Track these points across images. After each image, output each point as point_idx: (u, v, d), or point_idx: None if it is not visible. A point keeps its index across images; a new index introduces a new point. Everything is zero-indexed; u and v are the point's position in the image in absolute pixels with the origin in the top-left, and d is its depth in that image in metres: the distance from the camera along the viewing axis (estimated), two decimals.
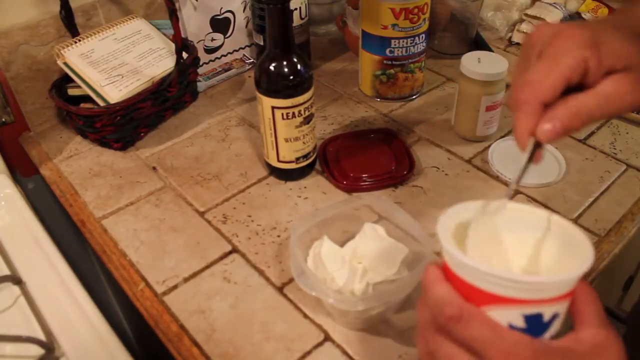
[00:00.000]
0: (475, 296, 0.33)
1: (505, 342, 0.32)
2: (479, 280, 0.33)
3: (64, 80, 0.78)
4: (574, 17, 0.99)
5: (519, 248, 0.38)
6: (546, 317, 0.33)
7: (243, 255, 0.62)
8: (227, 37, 0.92)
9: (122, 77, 0.76)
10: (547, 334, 0.34)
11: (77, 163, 0.77)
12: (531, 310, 0.32)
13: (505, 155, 0.74)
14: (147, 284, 0.59)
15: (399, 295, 0.53)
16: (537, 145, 0.38)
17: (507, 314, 0.32)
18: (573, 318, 0.35)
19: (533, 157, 0.39)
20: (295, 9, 0.87)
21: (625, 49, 0.38)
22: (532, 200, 0.68)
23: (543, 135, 0.37)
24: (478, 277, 0.33)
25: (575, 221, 0.65)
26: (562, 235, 0.36)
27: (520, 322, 0.33)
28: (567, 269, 0.33)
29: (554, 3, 0.99)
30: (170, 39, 0.83)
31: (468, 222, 0.38)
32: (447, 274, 0.36)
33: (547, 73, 0.38)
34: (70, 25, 0.78)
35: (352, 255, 0.57)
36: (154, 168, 0.75)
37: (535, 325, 0.33)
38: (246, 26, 0.94)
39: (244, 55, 0.96)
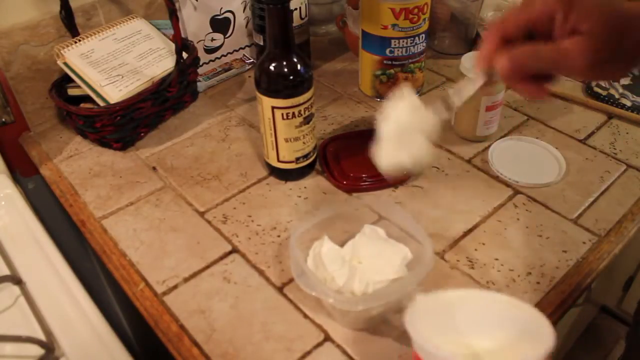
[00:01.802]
0: None
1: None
2: None
3: (64, 80, 0.78)
4: None
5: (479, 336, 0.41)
6: None
7: (243, 255, 0.62)
8: (227, 37, 0.92)
9: (122, 77, 0.76)
10: None
11: (77, 163, 0.77)
12: None
13: (505, 156, 0.74)
14: (147, 284, 0.59)
15: (399, 295, 0.53)
16: (492, 77, 0.44)
17: None
18: None
19: (490, 81, 0.45)
20: (295, 9, 0.87)
21: (594, 14, 0.39)
22: (533, 200, 0.68)
23: (498, 66, 0.42)
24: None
25: (575, 221, 0.65)
26: (523, 323, 0.39)
27: None
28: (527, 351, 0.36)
29: None
30: (170, 39, 0.83)
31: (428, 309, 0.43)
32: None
33: (515, 15, 0.42)
34: (70, 25, 0.78)
35: (352, 255, 0.57)
36: (154, 168, 0.75)
37: None
38: (246, 26, 0.94)
39: (244, 55, 0.96)
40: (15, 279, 0.60)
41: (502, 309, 0.41)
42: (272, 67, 0.63)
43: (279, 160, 0.70)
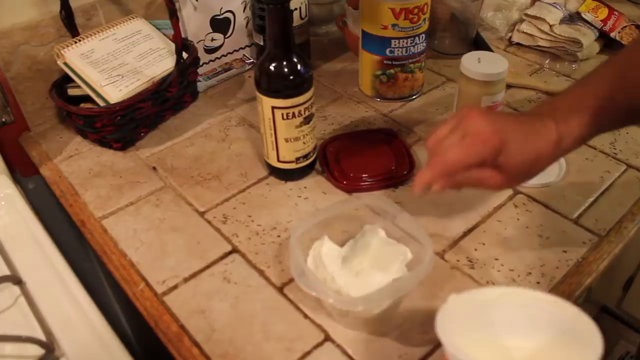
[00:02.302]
0: None
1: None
2: None
3: (64, 80, 0.78)
4: (574, 17, 0.99)
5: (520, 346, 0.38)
6: None
7: (243, 255, 0.62)
8: (227, 37, 0.92)
9: (122, 77, 0.76)
10: None
11: (77, 163, 0.77)
12: None
13: None
14: (147, 284, 0.59)
15: (399, 295, 0.53)
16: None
17: None
18: None
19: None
20: (295, 9, 0.87)
21: (518, 159, 0.50)
22: (533, 200, 0.68)
23: (434, 189, 0.52)
24: None
25: (576, 221, 0.65)
26: (566, 324, 0.36)
27: None
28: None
29: (554, 3, 0.99)
30: (170, 39, 0.83)
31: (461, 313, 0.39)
32: None
33: (463, 156, 0.50)
34: (70, 25, 0.78)
35: (352, 255, 0.57)
36: (154, 168, 0.75)
37: None
38: (246, 26, 0.94)
39: (244, 55, 0.96)
40: (15, 279, 0.60)
41: (544, 308, 0.38)
42: (272, 67, 0.63)
43: (279, 160, 0.70)
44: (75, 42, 0.77)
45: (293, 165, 0.70)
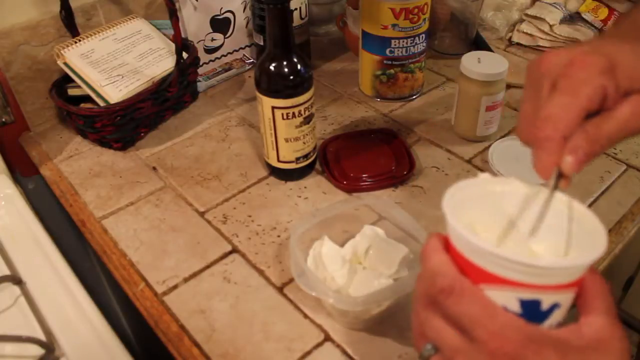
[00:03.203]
0: (471, 273, 0.32)
1: (495, 322, 0.31)
2: (475, 255, 0.32)
3: (64, 80, 0.78)
4: (574, 17, 0.99)
5: (527, 228, 0.36)
6: (544, 305, 0.31)
7: (243, 255, 0.62)
8: (227, 37, 0.92)
9: (122, 77, 0.76)
10: (545, 324, 0.32)
11: (77, 163, 0.77)
12: (528, 295, 0.31)
13: (505, 156, 0.74)
14: (147, 284, 0.59)
15: (399, 295, 0.53)
16: (560, 176, 0.36)
17: (503, 295, 0.31)
18: (579, 310, 0.33)
19: (557, 186, 0.36)
20: (295, 9, 0.87)
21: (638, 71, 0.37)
22: None
23: (568, 168, 0.36)
24: (474, 252, 0.32)
25: None
26: (576, 221, 0.35)
27: (515, 306, 0.31)
28: (574, 255, 0.32)
29: (554, 3, 0.99)
30: (170, 39, 0.83)
31: (473, 196, 0.37)
32: (448, 247, 0.35)
33: (566, 107, 0.36)
34: (70, 25, 0.78)
35: (352, 255, 0.57)
36: (154, 168, 0.75)
37: (531, 312, 0.31)
38: (246, 26, 0.94)
39: (244, 55, 0.96)
40: (15, 279, 0.60)
41: (559, 206, 0.36)
42: (272, 67, 0.63)
43: (279, 160, 0.70)
44: (75, 42, 0.77)
45: (293, 165, 0.70)
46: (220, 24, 0.90)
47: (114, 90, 0.75)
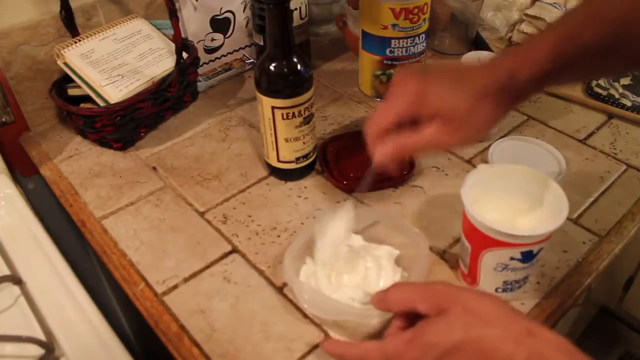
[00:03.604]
0: (486, 241, 0.50)
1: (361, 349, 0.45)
2: (490, 232, 0.49)
3: (64, 80, 0.78)
4: None
5: (519, 205, 0.54)
6: (535, 251, 0.50)
7: (243, 256, 0.62)
8: (227, 37, 0.92)
9: (122, 77, 0.76)
10: (535, 259, 0.52)
11: (77, 163, 0.77)
12: (525, 249, 0.50)
13: (505, 155, 0.74)
14: (147, 284, 0.59)
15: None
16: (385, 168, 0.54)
17: (510, 252, 0.50)
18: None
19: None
20: (295, 9, 0.87)
21: (450, 101, 0.48)
22: None
23: (376, 159, 0.52)
24: (489, 229, 0.49)
25: (576, 221, 0.65)
26: (553, 194, 0.52)
27: (518, 255, 0.50)
28: (551, 220, 0.49)
29: (554, 3, 0.99)
30: (170, 39, 0.83)
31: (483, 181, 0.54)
32: (467, 222, 0.52)
33: (385, 112, 0.51)
34: (70, 25, 0.78)
35: (343, 272, 0.56)
36: (154, 168, 0.75)
37: (527, 256, 0.50)
38: (246, 26, 0.94)
39: (244, 55, 0.96)
40: (15, 279, 0.60)
41: (534, 182, 0.53)
42: (272, 67, 0.63)
43: (279, 160, 0.70)
44: (75, 42, 0.77)
45: (293, 165, 0.70)
46: (220, 24, 0.90)
47: (114, 90, 0.75)
